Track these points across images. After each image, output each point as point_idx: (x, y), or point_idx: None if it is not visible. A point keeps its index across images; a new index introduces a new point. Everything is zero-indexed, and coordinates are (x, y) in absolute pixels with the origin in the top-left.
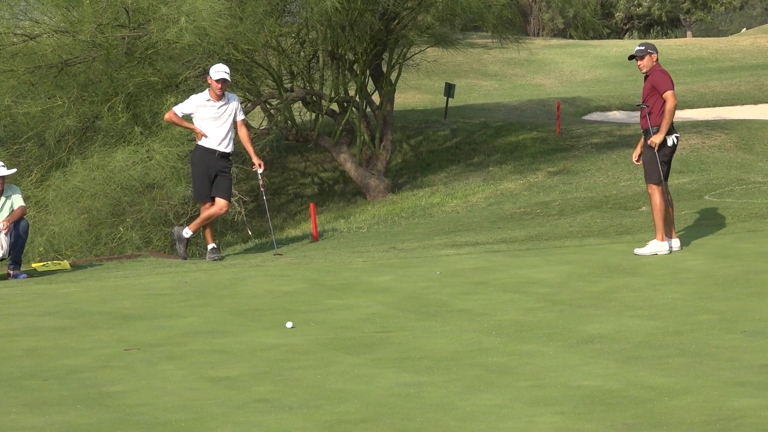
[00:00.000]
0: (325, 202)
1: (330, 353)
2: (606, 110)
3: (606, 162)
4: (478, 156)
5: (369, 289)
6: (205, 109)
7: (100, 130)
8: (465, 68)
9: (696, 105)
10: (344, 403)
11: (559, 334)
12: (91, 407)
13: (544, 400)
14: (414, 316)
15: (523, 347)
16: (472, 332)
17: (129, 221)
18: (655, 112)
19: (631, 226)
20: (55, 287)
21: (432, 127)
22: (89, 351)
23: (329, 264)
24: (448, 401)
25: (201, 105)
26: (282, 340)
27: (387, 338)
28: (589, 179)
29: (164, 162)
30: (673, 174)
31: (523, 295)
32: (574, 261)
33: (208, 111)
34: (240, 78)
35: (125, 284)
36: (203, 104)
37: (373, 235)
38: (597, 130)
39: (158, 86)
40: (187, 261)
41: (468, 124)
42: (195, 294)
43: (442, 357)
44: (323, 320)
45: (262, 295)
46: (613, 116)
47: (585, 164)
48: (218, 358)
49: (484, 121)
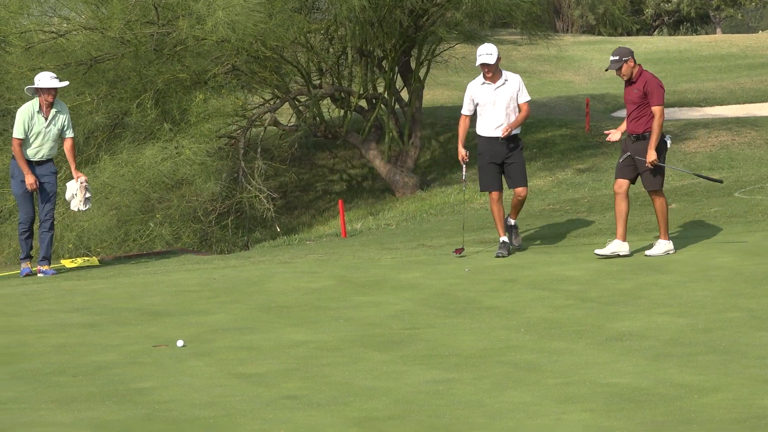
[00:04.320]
0: (354, 198)
1: (358, 350)
2: None
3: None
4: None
5: (397, 286)
6: (482, 93)
7: (129, 127)
8: None
9: (726, 102)
10: (373, 400)
11: (588, 332)
12: (120, 403)
13: (573, 398)
14: (442, 313)
15: (551, 344)
16: (500, 329)
17: (158, 217)
18: (645, 118)
19: None
20: (83, 283)
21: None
22: (118, 347)
23: (358, 261)
24: (477, 398)
25: (476, 89)
26: (310, 336)
27: (415, 335)
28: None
29: (193, 158)
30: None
31: (552, 292)
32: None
33: (485, 94)
34: (268, 74)
35: (154, 280)
36: (478, 88)
37: (402, 231)
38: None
39: (187, 83)
40: (215, 257)
41: None
42: (223, 290)
43: (471, 354)
44: (352, 317)
45: (290, 291)
46: None
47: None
48: (246, 355)
49: None
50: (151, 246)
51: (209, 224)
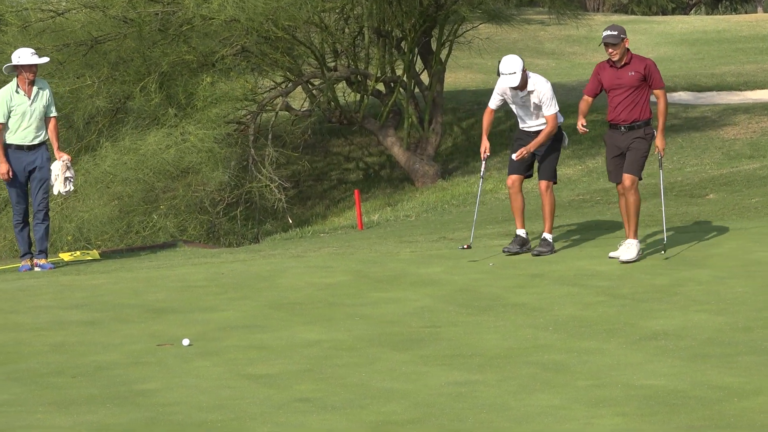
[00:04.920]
0: (371, 188)
1: (375, 350)
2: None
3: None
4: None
5: (417, 282)
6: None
7: (132, 112)
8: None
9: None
10: (390, 403)
11: (620, 330)
12: (122, 406)
13: (605, 401)
14: (465, 311)
15: (581, 344)
16: (527, 328)
17: (162, 208)
18: (642, 104)
19: (698, 214)
20: (83, 278)
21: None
22: (120, 346)
23: (375, 254)
24: (502, 401)
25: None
26: (324, 335)
27: (436, 334)
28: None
29: (200, 145)
30: (742, 159)
31: (581, 288)
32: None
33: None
34: (280, 56)
35: (158, 275)
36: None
37: (422, 223)
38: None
39: (193, 65)
40: (223, 251)
41: None
42: (232, 286)
43: (495, 354)
44: (368, 314)
45: (303, 287)
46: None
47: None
48: (257, 355)
49: None
50: (154, 238)
51: (217, 215)
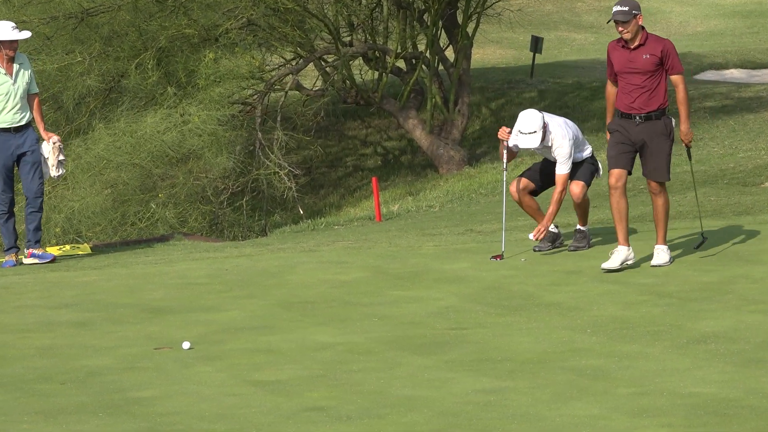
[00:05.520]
0: (390, 176)
1: (395, 353)
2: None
3: (722, 129)
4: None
5: (441, 279)
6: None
7: (127, 91)
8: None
9: None
10: (412, 413)
11: (666, 333)
12: (116, 416)
13: (648, 410)
14: (494, 311)
15: (623, 348)
16: (562, 330)
17: (161, 197)
18: (659, 91)
19: (752, 205)
20: (73, 275)
21: (516, 88)
22: (113, 350)
23: (394, 249)
24: (535, 411)
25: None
26: (339, 338)
27: (462, 336)
28: (701, 150)
29: (202, 128)
30: None
31: (623, 286)
32: (683, 246)
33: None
34: (290, 30)
35: (155, 272)
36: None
37: (447, 214)
38: (711, 91)
39: (194, 39)
40: (228, 244)
41: (558, 84)
42: (237, 283)
43: (528, 359)
44: (387, 315)
45: (315, 285)
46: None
47: (697, 132)
48: (264, 359)
49: (578, 80)
50: (152, 231)
51: (220, 206)
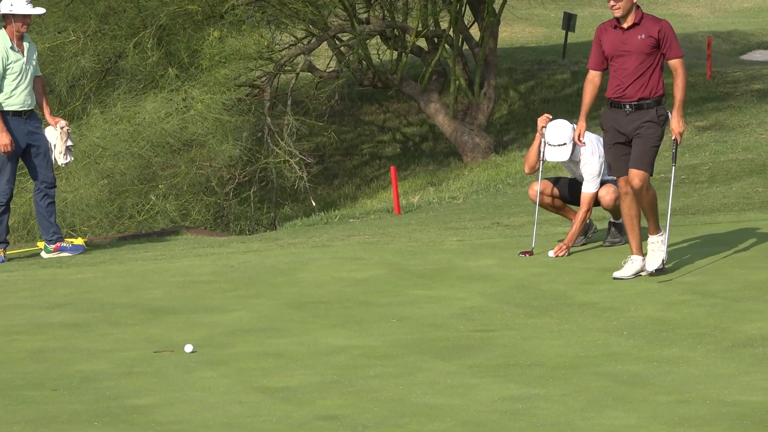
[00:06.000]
0: (410, 164)
1: (415, 358)
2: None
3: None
4: (606, 106)
5: (466, 277)
6: None
7: (125, 73)
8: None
9: None
10: (433, 422)
11: (709, 335)
12: (113, 424)
13: (690, 420)
14: (523, 312)
15: (662, 352)
16: (597, 332)
17: (161, 188)
18: (654, 77)
19: None
20: (66, 272)
21: (547, 69)
22: (110, 354)
23: (415, 244)
24: (566, 420)
25: None
26: (355, 340)
27: (488, 339)
28: (748, 136)
29: (206, 113)
30: None
31: (663, 284)
32: (728, 241)
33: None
34: (301, 6)
35: (155, 269)
36: None
37: (471, 206)
38: (759, 73)
39: (198, 16)
40: (234, 239)
41: None
42: (244, 282)
43: (559, 364)
44: (407, 316)
45: (328, 283)
46: None
47: (743, 117)
48: (273, 364)
49: None
50: (151, 224)
51: (226, 197)
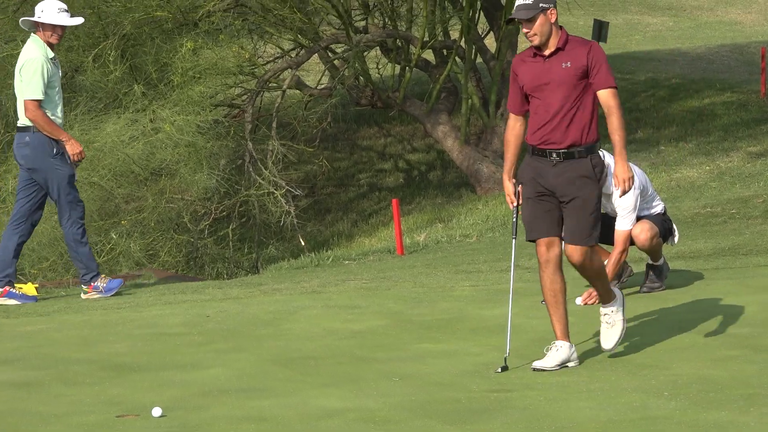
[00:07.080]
0: (415, 197)
1: (421, 423)
2: None
3: None
4: (644, 129)
5: (480, 328)
6: None
7: (83, 90)
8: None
9: None
10: None
11: (763, 396)
12: None
13: None
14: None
15: (709, 415)
16: (633, 392)
17: (125, 225)
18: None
19: None
20: (14, 323)
21: None
22: (65, 417)
23: (421, 290)
24: None
25: None
26: (350, 402)
27: (506, 401)
28: None
29: (177, 137)
30: None
31: (709, 337)
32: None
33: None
34: (288, 13)
35: (118, 319)
36: None
37: (486, 246)
38: None
39: (168, 25)
40: (209, 284)
41: (628, 81)
42: (221, 334)
43: (589, 429)
44: (411, 374)
45: (320, 335)
46: None
47: None
48: (255, 429)
49: (652, 76)
50: (113, 267)
51: (200, 235)
